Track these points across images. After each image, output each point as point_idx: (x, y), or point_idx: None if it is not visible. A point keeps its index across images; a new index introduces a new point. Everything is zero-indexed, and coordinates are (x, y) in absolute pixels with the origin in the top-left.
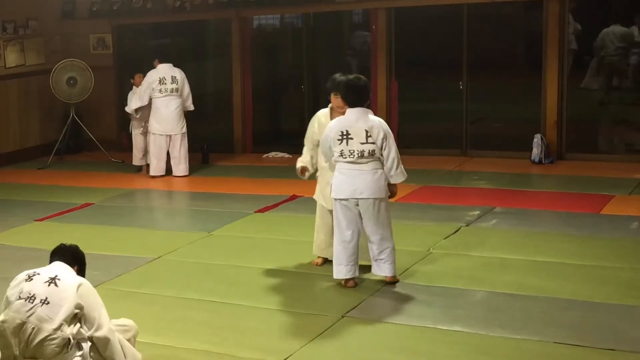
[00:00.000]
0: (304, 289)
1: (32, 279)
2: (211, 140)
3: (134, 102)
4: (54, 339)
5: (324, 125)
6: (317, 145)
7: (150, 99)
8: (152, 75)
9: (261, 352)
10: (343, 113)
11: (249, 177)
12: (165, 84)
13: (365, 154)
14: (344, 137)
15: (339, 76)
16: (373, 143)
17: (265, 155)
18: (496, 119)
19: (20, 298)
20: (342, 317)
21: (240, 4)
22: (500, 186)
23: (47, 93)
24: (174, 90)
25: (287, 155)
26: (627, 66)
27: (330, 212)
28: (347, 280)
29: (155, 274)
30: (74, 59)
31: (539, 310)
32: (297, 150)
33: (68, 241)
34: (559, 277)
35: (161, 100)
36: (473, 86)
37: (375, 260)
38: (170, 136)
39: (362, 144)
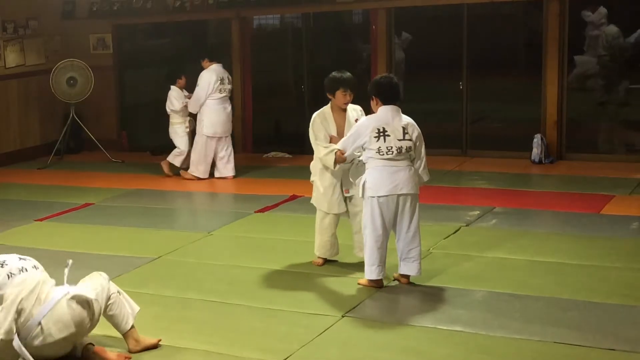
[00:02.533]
0: (304, 289)
1: None
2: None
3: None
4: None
5: (328, 123)
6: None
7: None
8: (211, 75)
9: (261, 352)
10: (344, 111)
11: (249, 177)
12: (224, 84)
13: (403, 150)
14: (381, 134)
15: (336, 74)
16: (410, 140)
17: (265, 155)
18: (496, 119)
19: None
20: (342, 317)
21: (240, 4)
22: (500, 186)
23: (47, 93)
24: (230, 92)
25: (287, 155)
26: (629, 66)
27: (335, 215)
28: (378, 280)
29: (155, 274)
30: (74, 59)
31: (539, 310)
32: (297, 151)
33: (68, 241)
34: (559, 277)
35: (219, 102)
36: (473, 86)
37: (403, 260)
38: (220, 138)
39: (399, 140)
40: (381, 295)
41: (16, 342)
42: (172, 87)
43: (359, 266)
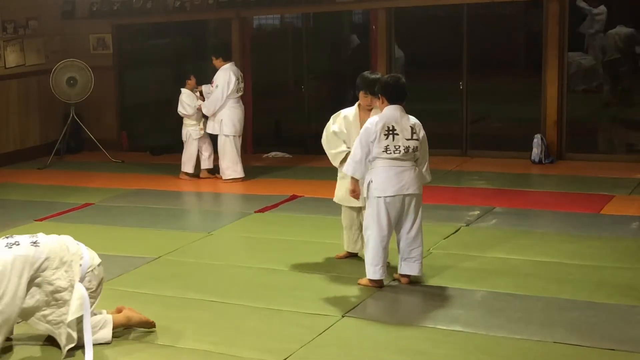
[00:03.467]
0: (304, 289)
1: None
2: (211, 140)
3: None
4: None
5: (351, 124)
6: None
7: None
8: (230, 75)
9: (261, 352)
10: (369, 111)
11: (249, 177)
12: (240, 83)
13: (410, 150)
14: (390, 132)
15: (369, 74)
16: (417, 140)
17: (266, 155)
18: (496, 119)
19: None
20: (342, 317)
21: (240, 4)
22: (500, 186)
23: (47, 93)
24: (243, 90)
25: (287, 155)
26: (629, 67)
27: (356, 209)
28: (378, 280)
29: (155, 274)
30: (74, 59)
31: (539, 310)
32: (297, 151)
33: None
34: (559, 277)
35: (236, 100)
36: (473, 86)
37: (405, 260)
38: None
39: (407, 140)
40: (381, 295)
41: (82, 290)
42: (183, 89)
43: (359, 266)
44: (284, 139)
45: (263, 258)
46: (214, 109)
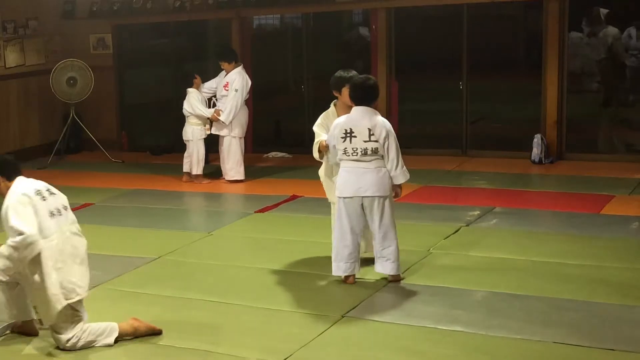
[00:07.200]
0: (303, 289)
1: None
2: (211, 140)
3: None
4: None
5: (330, 119)
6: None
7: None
8: (247, 80)
9: (261, 352)
10: (349, 107)
11: (249, 177)
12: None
13: (368, 151)
14: (348, 135)
15: (343, 72)
16: (376, 141)
17: (265, 155)
18: (496, 119)
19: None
20: (342, 317)
21: (240, 4)
22: (500, 186)
23: (47, 93)
24: None
25: (287, 155)
26: (628, 67)
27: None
28: (347, 277)
29: (155, 274)
30: (74, 59)
31: (539, 310)
32: (297, 151)
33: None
34: (559, 277)
35: (243, 102)
36: (473, 86)
37: (378, 258)
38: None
39: (365, 142)
40: (380, 295)
41: None
42: (189, 89)
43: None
44: (284, 139)
45: (263, 258)
46: (235, 115)
